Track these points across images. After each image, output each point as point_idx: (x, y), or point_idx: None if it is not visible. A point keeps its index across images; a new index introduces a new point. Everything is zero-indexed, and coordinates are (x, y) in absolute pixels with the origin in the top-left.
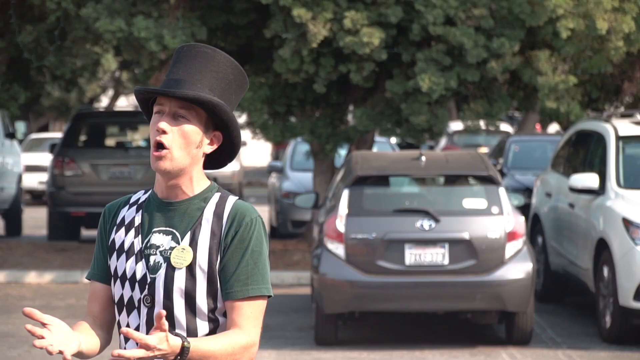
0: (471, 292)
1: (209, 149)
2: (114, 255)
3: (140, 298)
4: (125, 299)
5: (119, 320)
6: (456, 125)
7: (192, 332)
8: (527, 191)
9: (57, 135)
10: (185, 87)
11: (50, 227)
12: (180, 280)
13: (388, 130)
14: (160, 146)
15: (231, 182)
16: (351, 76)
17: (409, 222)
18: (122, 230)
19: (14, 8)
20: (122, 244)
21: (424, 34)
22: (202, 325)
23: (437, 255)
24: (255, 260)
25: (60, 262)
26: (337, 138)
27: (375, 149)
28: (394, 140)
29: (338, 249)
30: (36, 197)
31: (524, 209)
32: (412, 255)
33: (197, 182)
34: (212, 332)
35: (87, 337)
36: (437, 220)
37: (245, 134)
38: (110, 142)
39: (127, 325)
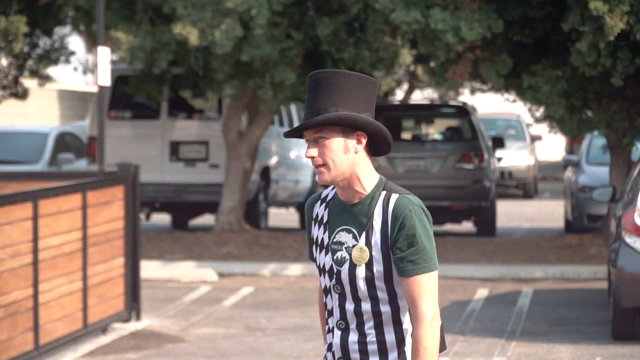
0: None
1: (360, 147)
2: (316, 249)
3: (331, 285)
4: (324, 286)
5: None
6: None
7: (375, 306)
8: None
9: None
10: (317, 113)
11: None
12: (361, 273)
13: None
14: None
15: (526, 176)
16: None
17: None
18: (317, 226)
19: (312, 0)
20: (317, 238)
21: None
22: (383, 300)
23: None
24: (421, 242)
25: None
26: (634, 132)
27: None
28: None
29: (636, 242)
30: None
31: None
32: None
33: (366, 178)
34: (392, 303)
35: None
36: None
37: (542, 128)
38: (406, 135)
39: (329, 307)
